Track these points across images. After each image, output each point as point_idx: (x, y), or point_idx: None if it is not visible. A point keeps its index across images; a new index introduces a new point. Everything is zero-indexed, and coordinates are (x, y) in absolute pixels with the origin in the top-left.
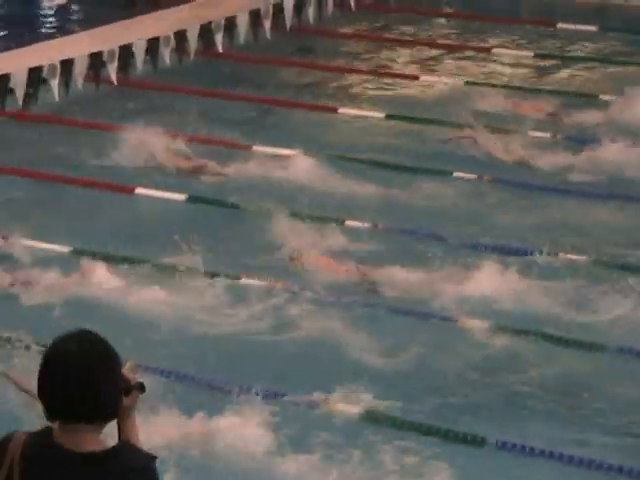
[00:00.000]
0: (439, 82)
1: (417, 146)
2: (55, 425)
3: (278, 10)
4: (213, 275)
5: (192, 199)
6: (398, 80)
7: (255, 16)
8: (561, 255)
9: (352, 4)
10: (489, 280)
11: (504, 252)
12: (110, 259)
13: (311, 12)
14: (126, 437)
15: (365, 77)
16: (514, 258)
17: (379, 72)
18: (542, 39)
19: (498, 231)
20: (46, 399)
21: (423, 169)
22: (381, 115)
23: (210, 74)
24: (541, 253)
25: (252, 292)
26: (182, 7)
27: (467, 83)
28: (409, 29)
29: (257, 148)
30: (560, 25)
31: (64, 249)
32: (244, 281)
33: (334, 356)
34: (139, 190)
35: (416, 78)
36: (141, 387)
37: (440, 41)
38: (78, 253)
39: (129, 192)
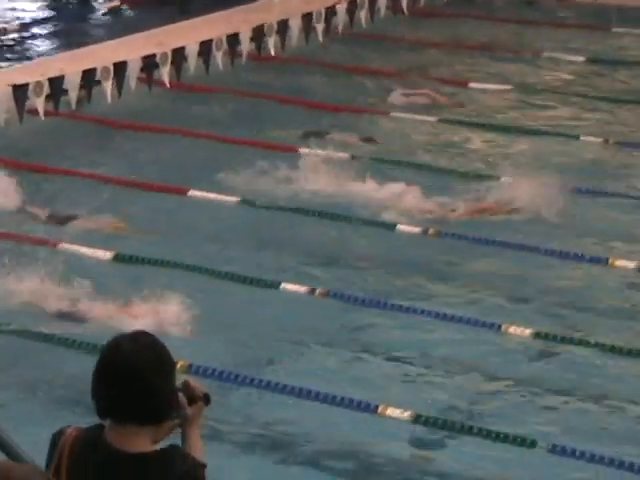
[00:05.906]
0: None
1: None
2: (107, 423)
3: (331, 14)
4: None
5: None
6: None
7: (308, 20)
8: None
9: (404, 8)
10: None
11: None
12: None
13: (363, 15)
14: (188, 448)
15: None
16: None
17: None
18: None
19: None
20: (97, 396)
21: None
22: None
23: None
24: None
25: None
26: (234, 10)
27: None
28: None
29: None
30: None
31: None
32: None
33: None
34: None
35: None
36: (206, 398)
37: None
38: None
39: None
